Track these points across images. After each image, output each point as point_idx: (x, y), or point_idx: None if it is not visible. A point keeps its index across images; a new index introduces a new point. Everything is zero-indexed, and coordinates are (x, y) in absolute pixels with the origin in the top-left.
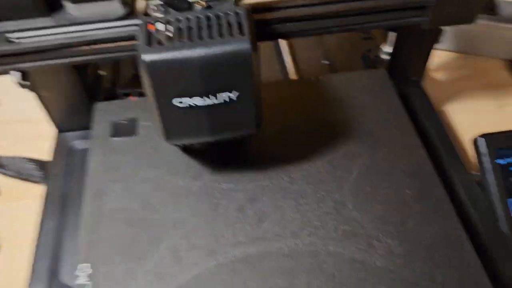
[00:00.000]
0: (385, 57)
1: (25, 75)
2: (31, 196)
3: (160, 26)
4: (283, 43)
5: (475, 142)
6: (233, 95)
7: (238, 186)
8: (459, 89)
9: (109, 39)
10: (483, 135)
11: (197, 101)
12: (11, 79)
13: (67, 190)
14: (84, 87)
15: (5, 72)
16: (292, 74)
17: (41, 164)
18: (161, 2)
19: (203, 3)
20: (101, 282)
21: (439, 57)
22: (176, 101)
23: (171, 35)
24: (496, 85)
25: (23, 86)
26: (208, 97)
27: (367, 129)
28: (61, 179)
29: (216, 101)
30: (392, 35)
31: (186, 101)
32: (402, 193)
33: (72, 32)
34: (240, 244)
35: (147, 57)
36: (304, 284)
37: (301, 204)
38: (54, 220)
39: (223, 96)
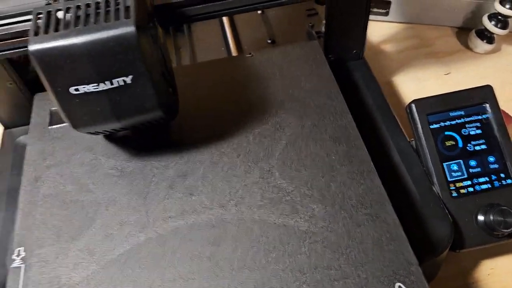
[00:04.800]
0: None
1: None
2: None
3: (61, 15)
4: (227, 24)
5: (407, 109)
6: (128, 79)
7: (170, 164)
8: (407, 59)
9: None
10: (414, 101)
11: (93, 87)
12: None
13: (14, 184)
14: (25, 83)
15: None
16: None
17: None
18: None
19: None
20: (33, 263)
21: (387, 29)
22: (72, 90)
23: (67, 23)
24: (443, 53)
25: None
26: (104, 83)
27: (298, 99)
28: (7, 174)
29: (112, 86)
30: None
31: (82, 89)
32: (328, 158)
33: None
34: (169, 218)
35: (31, 47)
36: (230, 251)
37: (229, 176)
38: (1, 213)
39: (118, 81)
